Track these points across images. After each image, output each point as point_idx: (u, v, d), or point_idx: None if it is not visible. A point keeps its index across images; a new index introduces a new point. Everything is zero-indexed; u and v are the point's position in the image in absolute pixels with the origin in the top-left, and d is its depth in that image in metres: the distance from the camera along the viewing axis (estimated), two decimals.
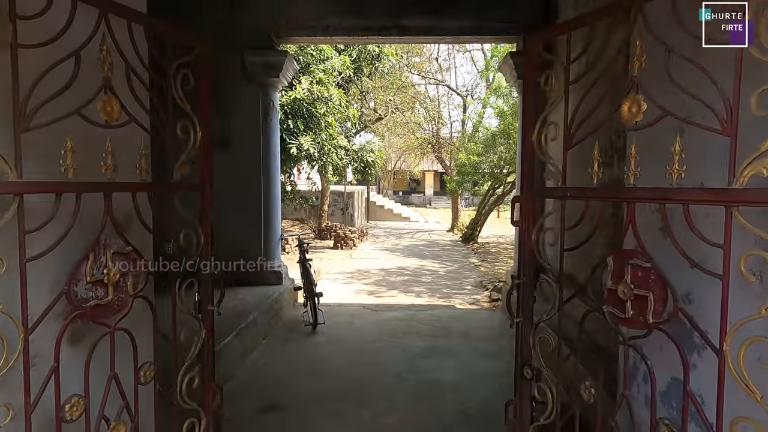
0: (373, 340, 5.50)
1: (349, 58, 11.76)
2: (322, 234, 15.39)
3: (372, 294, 8.32)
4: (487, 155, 14.55)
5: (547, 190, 1.77)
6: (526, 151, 1.87)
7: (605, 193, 1.56)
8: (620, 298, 1.50)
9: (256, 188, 6.50)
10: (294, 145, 9.89)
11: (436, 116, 19.74)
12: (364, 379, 4.38)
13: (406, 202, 33.26)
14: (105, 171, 1.52)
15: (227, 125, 6.40)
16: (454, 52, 19.65)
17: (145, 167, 1.69)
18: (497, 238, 16.89)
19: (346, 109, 11.69)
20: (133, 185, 1.64)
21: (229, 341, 4.47)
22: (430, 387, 4.22)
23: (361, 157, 12.71)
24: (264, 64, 6.31)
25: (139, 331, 1.75)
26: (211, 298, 2.06)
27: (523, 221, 1.88)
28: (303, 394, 4.07)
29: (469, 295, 8.17)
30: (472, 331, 5.83)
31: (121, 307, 1.61)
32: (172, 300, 1.87)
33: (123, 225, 1.68)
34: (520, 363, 1.89)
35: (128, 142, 1.66)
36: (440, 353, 5.07)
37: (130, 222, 1.79)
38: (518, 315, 1.90)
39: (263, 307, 5.56)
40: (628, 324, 1.51)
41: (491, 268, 11.03)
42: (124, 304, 1.62)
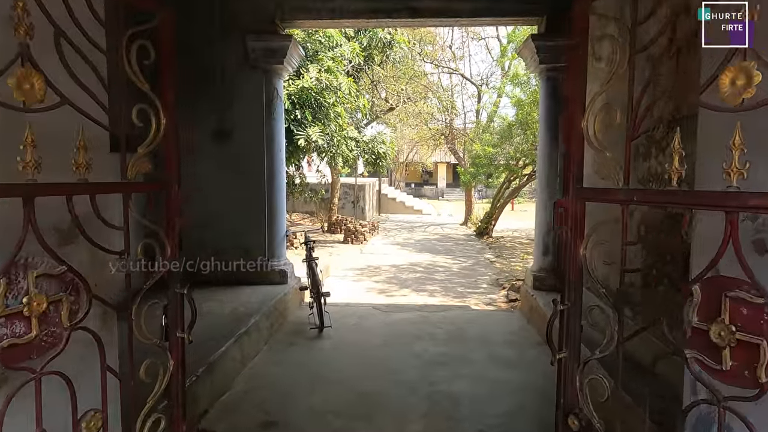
0: (383, 344, 5.13)
1: (360, 45, 11.31)
2: (332, 228, 15.04)
3: (383, 293, 7.95)
4: (503, 146, 14.02)
5: (602, 193, 1.39)
6: (573, 141, 1.46)
7: (692, 199, 1.15)
8: (713, 342, 1.09)
9: (260, 182, 6.14)
10: (302, 136, 9.50)
11: (449, 106, 19.19)
12: (372, 390, 4.02)
13: (418, 194, 32.79)
14: (23, 168, 1.15)
15: (228, 115, 6.05)
16: (468, 39, 19.06)
17: (83, 163, 1.31)
18: (512, 232, 16.40)
19: (357, 99, 11.26)
20: (64, 187, 1.27)
21: (227, 349, 4.14)
22: (444, 400, 3.85)
23: (372, 148, 12.28)
24: (267, 50, 5.92)
25: (84, 371, 1.38)
26: (181, 322, 1.69)
27: (569, 230, 1.47)
28: (305, 408, 3.72)
29: (484, 295, 7.75)
30: (490, 336, 5.42)
31: (52, 344, 1.25)
32: (129, 327, 1.50)
33: (62, 237, 1.31)
34: (563, 410, 1.49)
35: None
36: (455, 360, 4.69)
37: (73, 234, 1.42)
38: (561, 349, 1.50)
39: (266, 309, 5.22)
40: (724, 379, 1.10)
41: (507, 264, 10.58)
42: (56, 340, 1.26)
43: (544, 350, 4.96)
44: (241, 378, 4.25)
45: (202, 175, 6.11)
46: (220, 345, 4.12)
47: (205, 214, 6.12)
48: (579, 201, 1.48)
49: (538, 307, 5.55)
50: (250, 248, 6.14)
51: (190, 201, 5.93)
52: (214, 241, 6.10)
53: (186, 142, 6.19)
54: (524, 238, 14.78)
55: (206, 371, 3.71)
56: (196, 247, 6.07)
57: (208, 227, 6.11)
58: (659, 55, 2.72)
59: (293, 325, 5.76)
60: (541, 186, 6.22)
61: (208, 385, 3.73)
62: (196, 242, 6.09)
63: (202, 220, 6.12)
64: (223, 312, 4.96)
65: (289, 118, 9.32)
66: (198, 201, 6.12)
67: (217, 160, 6.07)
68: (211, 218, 6.11)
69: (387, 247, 13.48)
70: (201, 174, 6.11)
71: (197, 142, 6.06)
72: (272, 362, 4.63)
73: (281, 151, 6.34)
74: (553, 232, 6.08)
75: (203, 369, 3.67)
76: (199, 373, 3.58)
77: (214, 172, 6.08)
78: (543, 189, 6.16)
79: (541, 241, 6.17)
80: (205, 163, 6.10)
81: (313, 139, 9.57)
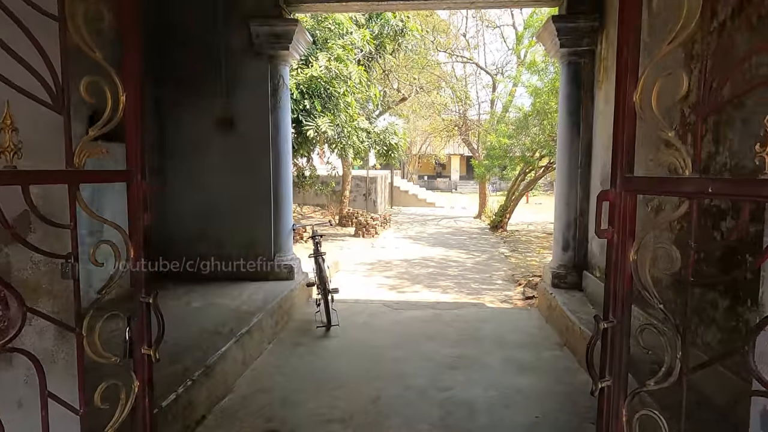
0: (393, 345, 4.87)
1: (371, 33, 10.97)
2: (343, 221, 14.80)
3: (393, 288, 7.68)
4: (518, 137, 13.59)
5: (662, 183, 1.10)
6: (622, 121, 1.16)
7: None
8: None
9: (265, 174, 5.90)
10: (311, 127, 9.23)
11: (463, 96, 18.73)
12: (379, 396, 3.76)
13: (431, 186, 32.39)
14: None
15: (232, 104, 5.80)
16: (483, 28, 18.57)
17: (10, 147, 1.05)
18: (527, 225, 15.99)
19: (367, 89, 10.95)
20: None
21: (227, 350, 3.91)
22: (456, 410, 3.57)
23: (383, 139, 11.96)
24: (272, 35, 5.64)
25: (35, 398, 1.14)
26: (148, 336, 1.43)
27: (616, 231, 1.18)
28: (308, 415, 3.48)
29: (500, 291, 7.44)
30: (506, 336, 5.13)
31: None
32: (78, 344, 1.24)
33: None
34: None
35: None
36: (469, 364, 4.41)
37: (24, 231, 1.17)
38: (604, 376, 1.21)
39: (270, 307, 4.98)
40: None
41: (523, 259, 10.24)
42: None
43: (563, 353, 4.65)
44: (243, 381, 4.03)
45: (204, 167, 5.89)
46: (219, 346, 3.90)
47: (207, 206, 5.90)
48: (629, 194, 1.18)
49: (557, 306, 5.24)
50: (255, 243, 5.91)
51: (169, 194, 5.68)
52: (216, 234, 5.88)
53: (189, 131, 5.97)
54: (540, 232, 14.39)
55: (204, 374, 3.48)
56: (198, 242, 5.86)
57: (211, 220, 5.89)
58: None
59: (299, 324, 5.52)
60: (560, 177, 5.87)
61: (206, 390, 3.50)
62: (197, 236, 5.89)
63: (203, 212, 5.91)
64: (225, 310, 4.74)
65: (297, 108, 9.05)
66: (200, 193, 5.91)
67: (220, 150, 5.84)
68: (213, 211, 5.89)
69: (399, 240, 13.20)
70: (203, 165, 5.89)
71: (199, 131, 5.83)
72: (276, 364, 4.39)
73: (287, 142, 6.08)
74: (574, 226, 5.74)
75: (200, 372, 3.44)
76: (195, 377, 3.36)
77: (217, 163, 5.85)
78: (563, 181, 5.82)
79: (561, 236, 5.84)
80: (208, 154, 5.87)
81: (322, 130, 9.29)
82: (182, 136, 5.87)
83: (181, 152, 5.88)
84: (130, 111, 1.34)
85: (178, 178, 5.90)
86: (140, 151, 1.38)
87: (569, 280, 5.67)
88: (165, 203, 5.86)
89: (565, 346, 4.77)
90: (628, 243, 1.18)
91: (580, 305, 5.06)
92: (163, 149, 5.87)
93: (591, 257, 5.56)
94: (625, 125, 1.17)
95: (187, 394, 3.21)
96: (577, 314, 4.73)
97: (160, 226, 5.78)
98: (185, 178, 5.89)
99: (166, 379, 3.27)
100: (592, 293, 5.27)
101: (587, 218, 5.68)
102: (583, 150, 5.62)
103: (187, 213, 5.89)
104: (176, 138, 5.87)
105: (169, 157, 5.89)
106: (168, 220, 5.84)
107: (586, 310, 4.91)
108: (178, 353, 3.71)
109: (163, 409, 2.92)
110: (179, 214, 5.88)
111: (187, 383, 3.25)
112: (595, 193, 5.49)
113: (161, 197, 5.85)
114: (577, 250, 5.73)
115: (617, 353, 1.22)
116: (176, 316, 4.63)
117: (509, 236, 13.77)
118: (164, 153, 5.88)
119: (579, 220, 5.71)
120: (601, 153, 5.30)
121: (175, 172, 5.90)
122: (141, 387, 1.41)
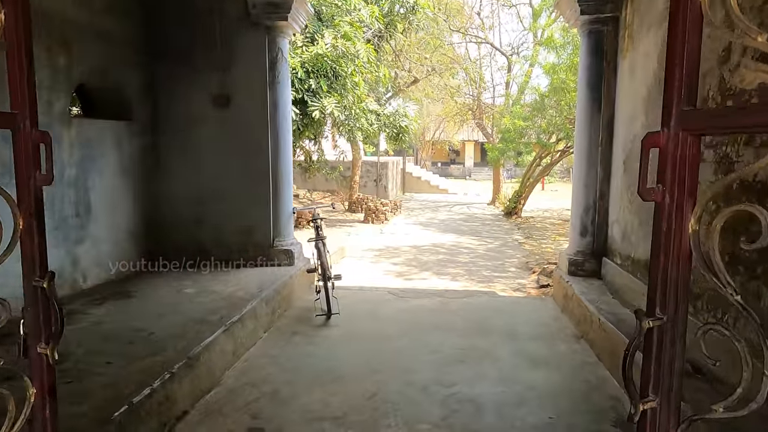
0: (396, 335, 4.55)
1: (380, 10, 10.50)
2: (352, 207, 14.48)
3: (401, 275, 7.35)
4: (534, 120, 13.06)
5: (749, 114, 0.75)
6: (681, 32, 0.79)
7: None
8: None
9: (263, 154, 5.57)
10: (317, 107, 8.84)
11: (477, 78, 18.14)
12: (379, 392, 3.45)
13: (444, 173, 31.88)
14: None
15: (228, 79, 5.47)
16: (498, 7, 17.90)
17: None
18: (543, 212, 15.51)
19: (376, 69, 10.50)
20: None
21: (214, 339, 3.62)
22: (462, 408, 3.24)
23: (393, 122, 11.52)
24: (269, 4, 5.27)
25: None
26: (48, 331, 1.11)
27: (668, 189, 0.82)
28: (299, 412, 3.18)
29: (513, 279, 7.06)
30: (518, 327, 4.77)
31: None
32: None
33: None
34: None
35: None
36: (478, 357, 4.07)
37: None
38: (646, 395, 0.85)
39: (266, 293, 4.69)
40: None
41: (537, 246, 9.81)
42: None
43: (579, 346, 4.29)
44: (232, 373, 3.75)
45: (199, 145, 5.58)
46: (206, 335, 3.62)
47: (202, 187, 5.61)
48: (689, 135, 0.82)
49: (573, 295, 4.85)
50: (253, 226, 5.62)
51: None
52: (213, 217, 5.60)
53: (184, 107, 5.64)
54: (556, 219, 13.91)
55: (185, 366, 3.20)
56: (192, 224, 5.59)
57: (206, 201, 5.60)
58: None
59: (299, 312, 5.23)
60: (579, 157, 5.44)
61: (189, 383, 3.22)
62: (193, 218, 5.61)
63: (199, 193, 5.61)
64: (217, 297, 4.46)
65: (302, 87, 8.67)
66: (195, 173, 5.61)
67: (216, 128, 5.52)
68: (209, 192, 5.59)
69: (409, 227, 12.84)
70: (198, 144, 5.58)
71: (195, 107, 5.52)
72: (270, 354, 4.10)
73: (287, 120, 5.73)
74: (593, 209, 5.32)
75: (181, 364, 3.16)
76: (175, 370, 3.07)
77: (212, 142, 5.54)
78: (581, 160, 5.39)
79: (579, 221, 5.43)
80: (203, 132, 5.56)
81: (328, 111, 8.90)
82: (176, 112, 5.56)
83: (175, 129, 5.58)
84: (11, 33, 1.00)
85: (172, 155, 5.61)
86: (29, 90, 1.05)
87: (587, 268, 5.27)
88: (158, 182, 5.58)
89: (582, 339, 4.40)
90: (686, 206, 0.82)
91: (599, 294, 4.67)
92: (156, 126, 5.57)
93: (611, 243, 5.15)
94: (688, 34, 0.80)
95: (164, 389, 2.93)
96: (595, 304, 4.35)
97: (152, 206, 5.51)
98: (179, 156, 5.60)
99: (142, 372, 2.99)
100: (611, 282, 4.87)
101: (607, 201, 5.25)
102: (604, 126, 5.18)
103: (181, 194, 5.60)
104: (170, 114, 5.56)
105: (162, 134, 5.59)
106: (161, 201, 5.57)
107: (605, 299, 4.52)
108: (158, 343, 3.43)
109: (134, 405, 2.64)
110: (173, 194, 5.60)
111: (164, 376, 2.97)
112: (617, 174, 5.06)
113: (154, 176, 5.57)
114: (596, 236, 5.32)
115: (667, 363, 0.86)
116: (165, 303, 4.37)
117: (524, 223, 13.33)
118: (158, 130, 5.58)
119: (598, 203, 5.29)
120: (623, 131, 4.86)
121: (168, 149, 5.61)
122: (39, 394, 1.10)
